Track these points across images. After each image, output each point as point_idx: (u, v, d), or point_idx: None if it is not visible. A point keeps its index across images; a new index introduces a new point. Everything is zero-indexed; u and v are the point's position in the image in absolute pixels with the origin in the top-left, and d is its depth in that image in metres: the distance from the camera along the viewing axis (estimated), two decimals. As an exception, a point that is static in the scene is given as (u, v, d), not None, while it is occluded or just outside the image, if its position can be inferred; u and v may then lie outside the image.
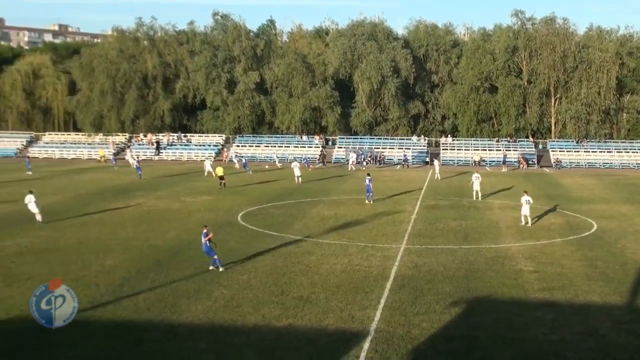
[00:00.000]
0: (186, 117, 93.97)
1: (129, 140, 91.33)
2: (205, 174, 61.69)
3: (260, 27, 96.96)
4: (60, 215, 38.65)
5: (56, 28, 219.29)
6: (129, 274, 24.94)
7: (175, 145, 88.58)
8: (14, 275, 24.58)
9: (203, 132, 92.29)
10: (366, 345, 17.70)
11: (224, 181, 52.24)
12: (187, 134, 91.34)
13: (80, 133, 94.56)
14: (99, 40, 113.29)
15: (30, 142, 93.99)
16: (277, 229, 34.28)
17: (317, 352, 17.25)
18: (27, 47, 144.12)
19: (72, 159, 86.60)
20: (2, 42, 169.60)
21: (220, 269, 25.27)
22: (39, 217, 35.97)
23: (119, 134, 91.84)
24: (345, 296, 22.10)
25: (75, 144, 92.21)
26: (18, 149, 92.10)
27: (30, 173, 63.78)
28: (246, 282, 23.85)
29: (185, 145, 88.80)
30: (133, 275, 24.66)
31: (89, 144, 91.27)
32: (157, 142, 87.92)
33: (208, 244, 25.25)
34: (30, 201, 36.19)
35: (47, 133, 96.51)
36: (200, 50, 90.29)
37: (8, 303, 21.11)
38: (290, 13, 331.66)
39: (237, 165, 73.22)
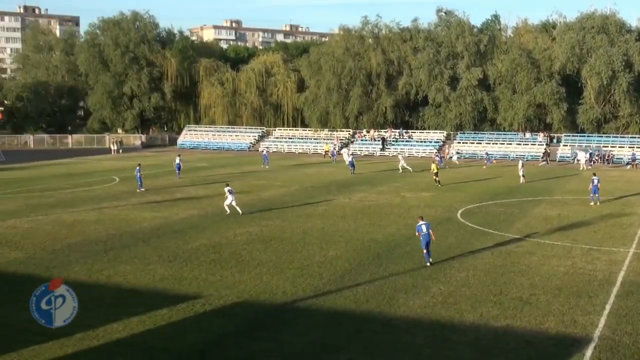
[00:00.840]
0: (408, 114, 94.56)
1: (352, 136, 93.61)
2: (400, 170, 61.70)
3: (484, 22, 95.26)
4: (287, 206, 40.57)
5: (287, 28, 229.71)
6: (349, 265, 25.63)
7: (397, 141, 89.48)
8: (245, 262, 26.17)
9: (424, 129, 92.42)
10: (589, 352, 16.85)
11: (438, 178, 52.03)
12: (408, 130, 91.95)
13: (307, 128, 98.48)
14: (327, 39, 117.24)
15: (262, 137, 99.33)
16: (497, 227, 33.56)
17: (536, 355, 16.69)
18: (260, 47, 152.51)
19: (299, 153, 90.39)
20: (239, 43, 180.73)
21: (427, 264, 25.40)
22: (238, 209, 37.23)
23: (343, 129, 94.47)
24: (567, 300, 21.18)
25: (302, 138, 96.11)
26: (251, 143, 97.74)
27: (267, 167, 67.24)
28: (464, 279, 23.61)
29: (407, 141, 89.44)
30: (354, 267, 25.31)
31: (314, 139, 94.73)
32: (383, 138, 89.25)
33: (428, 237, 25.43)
34: (229, 193, 37.75)
35: (277, 128, 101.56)
36: (424, 47, 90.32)
37: (239, 287, 22.53)
38: (516, 7, 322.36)
39: (456, 162, 72.82)
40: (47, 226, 33.94)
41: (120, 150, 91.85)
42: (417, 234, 26.10)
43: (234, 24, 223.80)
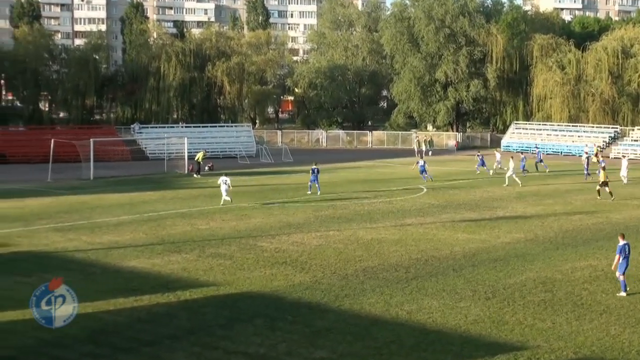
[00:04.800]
0: None
1: None
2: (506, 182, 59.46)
3: None
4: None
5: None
6: None
7: None
8: (586, 306, 25.44)
9: None
10: None
11: (608, 189, 50.69)
12: None
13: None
14: None
15: (614, 139, 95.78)
16: None
17: None
18: (616, 18, 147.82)
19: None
20: (587, 13, 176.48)
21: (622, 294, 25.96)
22: (225, 198, 47.38)
23: None
24: None
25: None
26: (599, 146, 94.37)
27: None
28: None
29: None
30: None
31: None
32: None
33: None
34: (223, 183, 47.39)
35: (635, 127, 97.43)
36: None
37: (577, 340, 21.95)
38: None
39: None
40: (338, 244, 35.88)
41: (430, 152, 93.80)
42: (617, 258, 26.81)
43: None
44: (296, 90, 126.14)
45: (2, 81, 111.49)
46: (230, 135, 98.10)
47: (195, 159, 68.84)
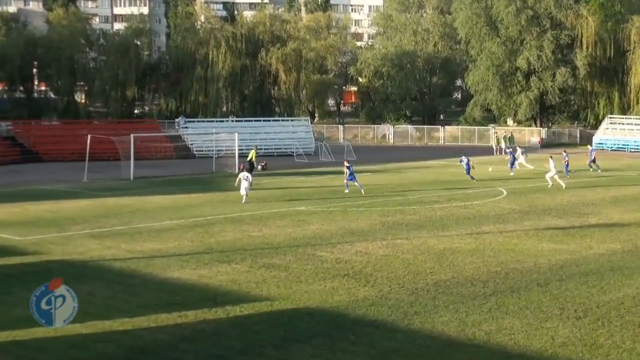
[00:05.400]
0: None
1: None
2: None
3: None
4: None
5: None
6: None
7: None
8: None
9: None
10: None
11: None
12: None
13: None
14: None
15: None
16: None
17: None
18: None
19: None
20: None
21: None
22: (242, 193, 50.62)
23: None
24: None
25: None
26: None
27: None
28: None
29: None
30: None
31: None
32: None
33: None
34: (244, 179, 51.00)
35: None
36: None
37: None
38: None
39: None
40: (407, 254, 35.65)
41: (510, 150, 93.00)
42: None
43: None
44: (360, 79, 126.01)
45: (35, 70, 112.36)
46: (286, 131, 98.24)
47: (248, 159, 68.23)
